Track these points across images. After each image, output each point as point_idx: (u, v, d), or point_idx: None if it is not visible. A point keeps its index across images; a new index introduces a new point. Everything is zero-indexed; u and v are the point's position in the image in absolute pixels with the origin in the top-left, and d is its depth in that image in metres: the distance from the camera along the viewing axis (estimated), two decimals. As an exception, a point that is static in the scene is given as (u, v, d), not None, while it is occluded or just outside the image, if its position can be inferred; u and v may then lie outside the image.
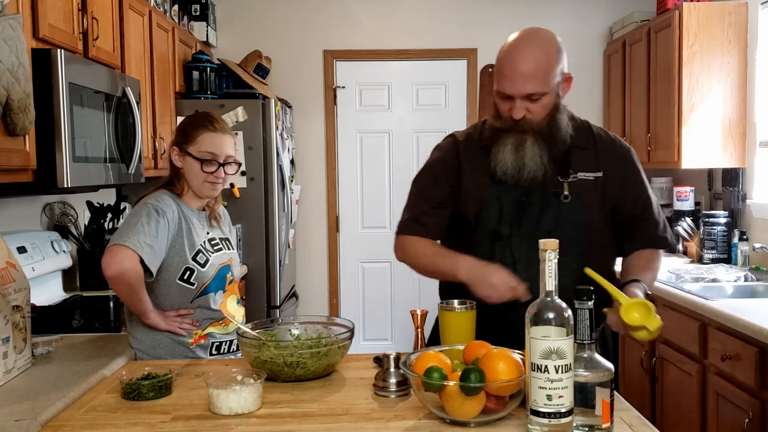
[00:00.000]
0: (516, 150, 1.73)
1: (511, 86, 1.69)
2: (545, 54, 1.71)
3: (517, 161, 1.73)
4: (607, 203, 1.79)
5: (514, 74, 1.69)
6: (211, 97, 3.84)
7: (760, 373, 2.27)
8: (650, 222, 1.84)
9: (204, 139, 1.98)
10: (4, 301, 1.62)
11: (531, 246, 1.66)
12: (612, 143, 1.86)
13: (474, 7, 4.64)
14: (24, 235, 2.58)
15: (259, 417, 1.37)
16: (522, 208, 1.75)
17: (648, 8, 4.21)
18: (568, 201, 1.75)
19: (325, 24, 4.64)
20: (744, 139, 3.56)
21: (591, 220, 1.76)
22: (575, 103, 4.80)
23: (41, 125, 2.10)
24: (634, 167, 1.85)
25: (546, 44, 1.73)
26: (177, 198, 2.01)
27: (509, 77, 1.70)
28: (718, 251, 3.54)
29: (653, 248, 1.85)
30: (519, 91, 1.69)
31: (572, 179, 1.76)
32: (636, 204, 1.83)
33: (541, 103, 1.71)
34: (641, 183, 1.85)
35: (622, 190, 1.81)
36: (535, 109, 1.71)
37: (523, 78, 1.68)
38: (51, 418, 1.41)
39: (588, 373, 1.23)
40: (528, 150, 1.72)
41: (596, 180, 1.78)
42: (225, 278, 2.04)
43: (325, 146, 4.69)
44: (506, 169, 1.74)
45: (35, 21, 2.12)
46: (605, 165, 1.80)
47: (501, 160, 1.74)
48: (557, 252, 1.23)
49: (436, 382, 1.27)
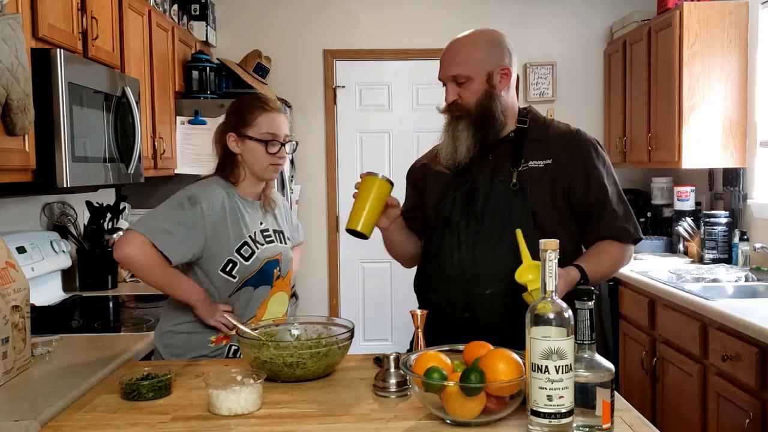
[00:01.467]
0: (451, 135, 1.84)
1: (441, 71, 1.85)
2: (473, 43, 1.83)
3: (451, 144, 1.84)
4: (557, 190, 1.82)
5: (443, 59, 1.85)
6: (211, 96, 3.83)
7: (760, 374, 2.27)
8: (606, 212, 1.84)
9: (263, 121, 1.94)
10: (4, 302, 1.62)
11: (477, 230, 1.81)
12: (568, 134, 1.90)
13: (474, 7, 4.64)
14: (23, 235, 2.58)
15: (258, 417, 1.36)
16: (471, 197, 1.84)
17: (648, 8, 4.21)
18: (516, 188, 1.81)
19: (325, 24, 4.64)
20: (744, 138, 3.56)
21: (537, 206, 1.80)
22: (575, 103, 4.85)
23: (41, 125, 2.10)
24: (588, 156, 1.86)
25: (478, 37, 1.85)
26: (230, 186, 1.96)
27: (441, 63, 1.86)
28: (718, 251, 3.53)
29: (611, 239, 1.84)
30: (443, 74, 1.84)
31: (523, 168, 1.83)
32: (588, 193, 1.83)
33: (469, 88, 1.81)
34: (595, 172, 1.85)
35: (573, 178, 1.83)
36: (465, 95, 1.82)
37: (448, 62, 1.84)
38: (50, 418, 1.41)
39: (588, 373, 1.22)
40: (460, 133, 1.82)
41: (546, 167, 1.83)
42: (271, 274, 1.96)
43: (325, 146, 4.69)
44: (443, 152, 1.86)
45: (35, 21, 2.11)
46: (556, 153, 1.84)
47: (442, 145, 1.87)
48: (558, 252, 1.23)
49: (436, 383, 1.27)
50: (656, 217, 4.23)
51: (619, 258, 1.87)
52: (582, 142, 1.88)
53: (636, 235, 1.87)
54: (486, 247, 1.78)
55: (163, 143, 3.41)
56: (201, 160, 3.74)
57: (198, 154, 3.73)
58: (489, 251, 1.78)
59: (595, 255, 1.83)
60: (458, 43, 1.85)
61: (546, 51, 4.65)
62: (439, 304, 1.82)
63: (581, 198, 1.83)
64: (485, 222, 1.80)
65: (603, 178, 1.86)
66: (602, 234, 1.85)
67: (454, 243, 1.83)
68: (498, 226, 1.79)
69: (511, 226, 1.76)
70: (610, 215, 1.84)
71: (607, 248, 1.84)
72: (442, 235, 1.85)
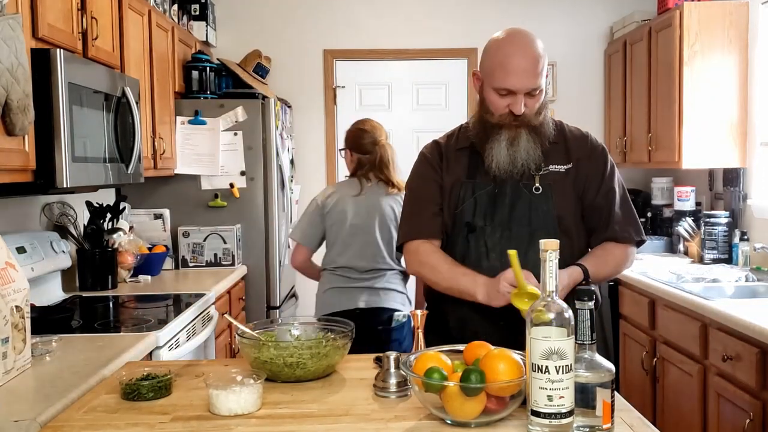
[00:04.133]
0: (511, 144, 1.78)
1: (517, 81, 1.73)
2: (540, 50, 1.77)
3: (510, 155, 1.78)
4: (577, 194, 1.84)
5: (519, 69, 1.73)
6: (211, 96, 3.83)
7: (760, 374, 2.27)
8: (612, 215, 1.85)
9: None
10: (4, 302, 1.61)
11: (503, 236, 1.79)
12: (584, 138, 1.91)
13: (474, 7, 4.64)
14: (23, 235, 2.58)
15: (258, 418, 1.36)
16: (495, 201, 1.81)
17: (649, 8, 4.21)
18: (540, 192, 1.80)
19: (325, 24, 4.64)
20: (745, 138, 3.56)
21: (562, 210, 1.80)
22: (576, 102, 4.85)
23: (40, 125, 2.10)
24: (602, 161, 1.88)
25: (536, 42, 1.79)
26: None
27: (514, 72, 1.73)
28: (718, 251, 3.53)
29: (615, 242, 1.85)
30: (524, 85, 1.74)
31: (544, 172, 1.82)
32: (597, 196, 1.84)
33: (537, 98, 1.78)
34: (605, 176, 1.86)
35: (588, 182, 1.84)
36: (532, 104, 1.78)
37: (526, 73, 1.73)
38: (50, 418, 1.41)
39: (589, 373, 1.22)
40: (523, 144, 1.77)
41: (567, 171, 1.83)
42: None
43: (325, 146, 4.69)
44: (500, 163, 1.78)
45: (34, 21, 2.11)
46: (575, 157, 1.85)
47: (497, 155, 1.78)
48: (558, 252, 1.23)
49: (436, 383, 1.27)
50: (656, 217, 4.23)
51: (622, 260, 1.87)
52: (596, 146, 1.90)
53: (638, 238, 1.88)
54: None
55: (163, 143, 3.41)
56: (201, 160, 3.74)
57: (198, 154, 3.73)
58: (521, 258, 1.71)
59: (599, 256, 1.83)
60: (530, 51, 1.75)
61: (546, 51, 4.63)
62: (470, 313, 1.78)
63: (591, 200, 1.84)
64: (514, 228, 1.78)
65: (613, 184, 1.87)
66: (607, 236, 1.85)
67: (481, 250, 1.80)
68: (527, 231, 1.78)
69: (540, 231, 1.74)
70: (616, 218, 1.85)
71: (611, 250, 1.84)
72: (468, 242, 1.81)
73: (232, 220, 3.77)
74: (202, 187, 3.77)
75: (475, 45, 4.62)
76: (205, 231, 3.68)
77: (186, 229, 3.68)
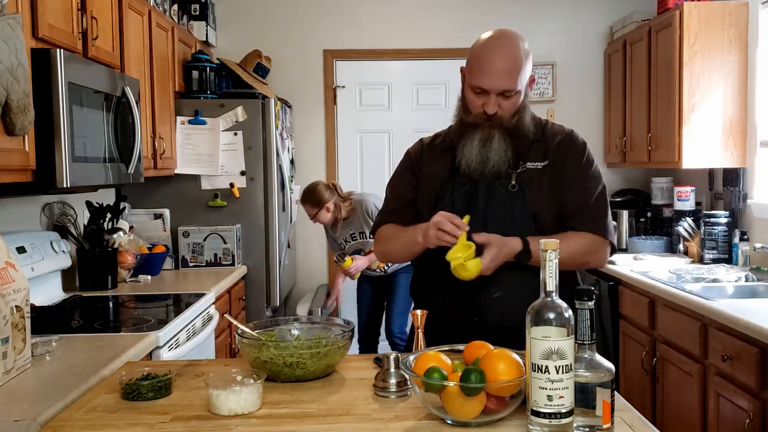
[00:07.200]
0: (483, 145, 1.79)
1: (489, 81, 1.75)
2: (521, 52, 1.77)
3: (482, 155, 1.79)
4: (554, 191, 1.82)
5: (493, 69, 1.75)
6: (211, 96, 3.83)
7: (760, 374, 2.27)
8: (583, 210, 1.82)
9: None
10: (4, 302, 1.62)
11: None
12: (564, 135, 1.89)
13: (474, 7, 4.64)
14: (23, 235, 2.58)
15: (258, 417, 1.36)
16: (471, 200, 1.82)
17: (649, 8, 4.21)
18: (515, 190, 1.80)
19: (325, 24, 4.64)
20: (745, 138, 3.56)
21: (538, 208, 1.80)
22: (575, 102, 4.85)
23: (40, 125, 2.10)
24: (578, 157, 1.86)
25: (519, 44, 1.79)
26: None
27: (488, 71, 1.75)
28: (718, 251, 3.53)
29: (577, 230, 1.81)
30: (497, 86, 1.75)
31: (521, 169, 1.82)
32: (569, 192, 1.82)
33: (512, 100, 1.78)
34: (580, 170, 1.85)
35: (563, 177, 1.83)
36: (506, 106, 1.78)
37: (501, 73, 1.74)
38: (50, 418, 1.41)
39: (588, 373, 1.22)
40: (495, 145, 1.79)
41: (543, 168, 1.83)
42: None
43: (325, 146, 4.69)
44: (471, 162, 1.80)
45: (34, 21, 2.11)
46: (553, 154, 1.84)
47: (467, 154, 1.81)
48: (558, 252, 1.23)
49: (436, 383, 1.27)
50: (656, 217, 4.23)
51: (582, 249, 1.80)
52: (575, 143, 1.88)
53: (605, 234, 1.83)
54: None
55: (163, 143, 3.41)
56: (201, 160, 3.74)
57: (198, 154, 3.74)
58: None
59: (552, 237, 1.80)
60: (508, 53, 1.75)
61: (546, 51, 4.64)
62: (445, 308, 1.81)
63: (564, 195, 1.83)
64: (489, 226, 1.79)
65: (586, 180, 1.85)
66: (571, 224, 1.82)
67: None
68: (501, 229, 1.78)
69: (514, 229, 1.76)
70: (587, 212, 1.83)
71: (570, 235, 1.80)
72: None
73: (232, 220, 3.77)
74: (202, 187, 3.77)
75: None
76: (205, 231, 3.68)
77: (186, 229, 3.68)
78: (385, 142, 4.69)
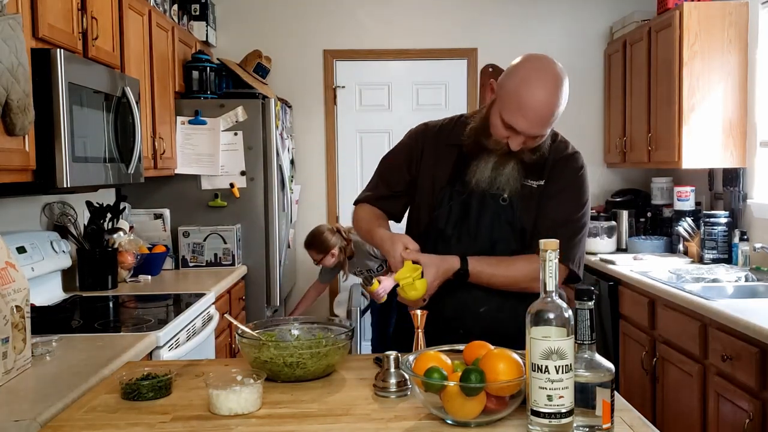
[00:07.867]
0: (496, 168, 1.78)
1: (525, 125, 1.66)
2: (562, 99, 1.68)
3: (492, 177, 1.78)
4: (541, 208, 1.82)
5: (533, 114, 1.65)
6: (211, 96, 3.83)
7: (760, 374, 2.27)
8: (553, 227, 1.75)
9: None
10: (4, 302, 1.62)
11: (469, 246, 1.80)
12: (565, 157, 1.84)
13: (474, 7, 4.64)
14: (23, 235, 2.58)
15: (259, 417, 1.36)
16: (465, 210, 1.82)
17: (648, 8, 4.21)
18: (506, 204, 1.80)
19: (325, 24, 4.64)
20: (744, 138, 3.56)
21: (527, 224, 1.80)
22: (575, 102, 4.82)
23: (41, 125, 2.10)
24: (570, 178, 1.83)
25: (564, 86, 1.69)
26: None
27: (525, 116, 1.65)
28: (718, 251, 3.53)
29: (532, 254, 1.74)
30: (532, 132, 1.69)
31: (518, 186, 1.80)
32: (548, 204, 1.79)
33: (537, 140, 1.74)
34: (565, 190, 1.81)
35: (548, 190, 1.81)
36: (530, 144, 1.74)
37: (540, 120, 1.67)
38: (50, 418, 1.41)
39: (588, 373, 1.22)
40: (507, 171, 1.77)
41: (538, 187, 1.81)
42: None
43: (325, 146, 4.69)
44: (481, 183, 1.79)
45: (35, 21, 2.11)
46: (548, 172, 1.82)
47: (479, 175, 1.79)
48: (557, 252, 1.23)
49: (436, 383, 1.27)
50: (656, 217, 4.23)
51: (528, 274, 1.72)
52: (572, 165, 1.84)
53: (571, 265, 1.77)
54: None
55: (163, 143, 3.41)
56: (201, 160, 3.74)
57: (198, 154, 3.74)
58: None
59: (496, 258, 1.78)
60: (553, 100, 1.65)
61: (546, 51, 4.61)
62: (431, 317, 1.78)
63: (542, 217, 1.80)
64: (478, 239, 1.80)
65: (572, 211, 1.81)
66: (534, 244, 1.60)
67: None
68: (488, 243, 1.79)
69: (500, 243, 1.77)
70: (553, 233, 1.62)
71: (517, 259, 1.77)
72: (435, 248, 1.82)
73: (232, 220, 3.77)
74: (202, 187, 3.77)
75: (475, 45, 4.62)
76: (205, 231, 3.68)
77: (186, 229, 3.68)
78: (385, 142, 4.67)
